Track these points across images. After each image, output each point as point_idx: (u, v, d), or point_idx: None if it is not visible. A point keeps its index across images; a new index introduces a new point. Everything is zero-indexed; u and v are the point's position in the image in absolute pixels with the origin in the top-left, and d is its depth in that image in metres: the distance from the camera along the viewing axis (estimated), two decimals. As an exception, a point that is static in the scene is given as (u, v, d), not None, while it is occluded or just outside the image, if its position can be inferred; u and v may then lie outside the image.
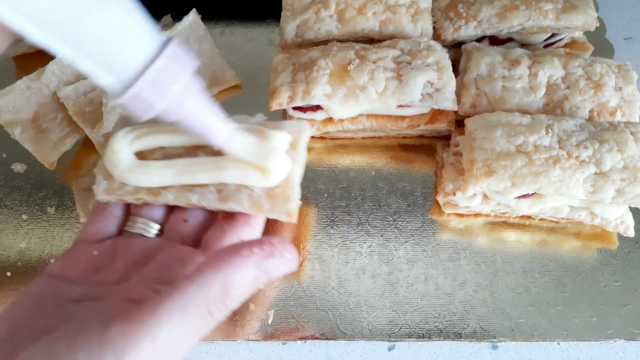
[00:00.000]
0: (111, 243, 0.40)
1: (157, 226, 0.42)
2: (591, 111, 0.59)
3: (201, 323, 0.33)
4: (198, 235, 0.42)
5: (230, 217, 0.41)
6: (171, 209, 0.44)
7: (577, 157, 0.53)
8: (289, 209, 0.39)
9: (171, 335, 0.31)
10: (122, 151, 0.39)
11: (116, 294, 0.34)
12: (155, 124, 0.41)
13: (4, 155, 0.67)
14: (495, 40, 0.69)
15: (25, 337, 0.32)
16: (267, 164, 0.38)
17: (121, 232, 0.43)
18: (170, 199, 0.39)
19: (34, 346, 0.31)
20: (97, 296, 0.35)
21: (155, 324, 0.31)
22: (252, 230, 0.41)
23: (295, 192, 0.40)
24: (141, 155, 0.41)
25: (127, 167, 0.39)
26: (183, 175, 0.39)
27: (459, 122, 0.64)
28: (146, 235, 0.42)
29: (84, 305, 0.34)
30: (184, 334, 0.32)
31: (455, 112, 0.63)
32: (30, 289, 0.36)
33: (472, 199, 0.58)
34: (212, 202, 0.39)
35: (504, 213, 0.60)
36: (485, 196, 0.59)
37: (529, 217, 0.61)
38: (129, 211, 0.44)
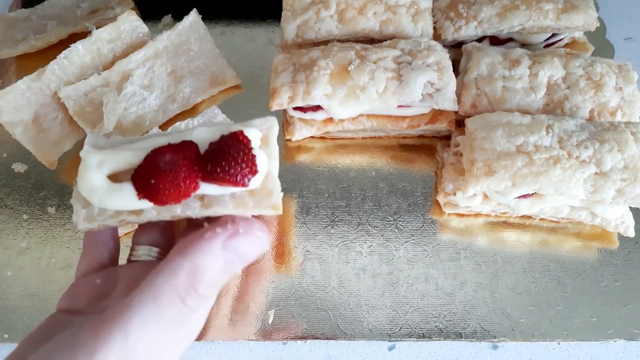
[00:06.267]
0: (113, 269, 0.40)
1: (157, 249, 0.42)
2: (591, 111, 0.59)
3: (176, 314, 0.32)
4: None
5: (214, 220, 0.40)
6: (170, 230, 0.44)
7: (577, 157, 0.53)
8: (274, 202, 0.39)
9: (144, 330, 0.31)
10: (94, 177, 0.38)
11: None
12: (122, 144, 0.41)
13: (5, 155, 0.67)
14: (495, 40, 0.69)
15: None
16: None
17: (116, 259, 0.43)
18: (153, 215, 0.38)
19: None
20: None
21: (126, 318, 0.31)
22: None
23: (277, 185, 0.39)
24: (115, 177, 0.39)
25: (105, 192, 0.38)
26: None
27: (460, 122, 0.64)
28: (149, 260, 0.41)
29: None
30: (159, 329, 0.31)
31: (456, 112, 0.63)
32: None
33: (473, 199, 0.58)
34: (197, 210, 0.38)
35: (504, 213, 0.60)
36: (485, 196, 0.59)
37: (529, 217, 0.61)
38: (118, 236, 0.44)
